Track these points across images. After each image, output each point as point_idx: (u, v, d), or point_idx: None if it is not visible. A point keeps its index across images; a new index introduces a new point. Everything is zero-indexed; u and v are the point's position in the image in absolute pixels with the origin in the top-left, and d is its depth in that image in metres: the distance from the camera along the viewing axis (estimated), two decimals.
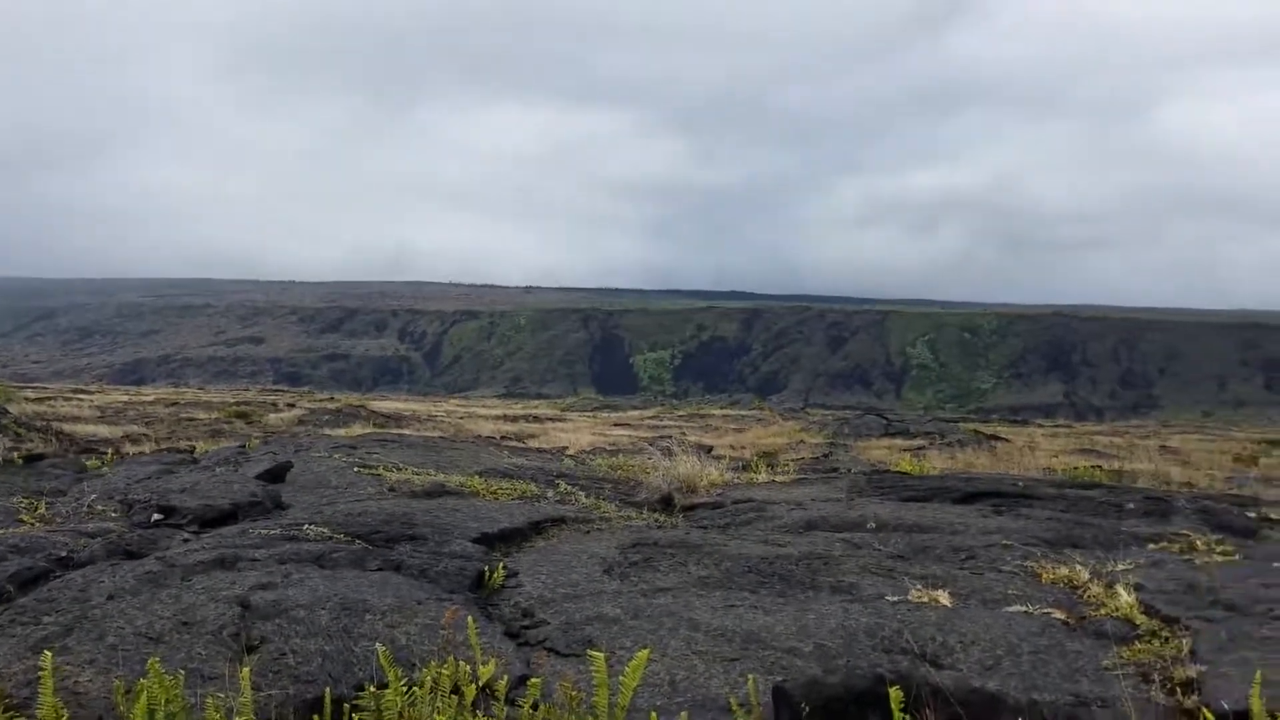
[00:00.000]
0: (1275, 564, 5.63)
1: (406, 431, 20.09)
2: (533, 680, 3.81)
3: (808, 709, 3.48)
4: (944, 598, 5.00)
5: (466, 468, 9.87)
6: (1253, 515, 7.68)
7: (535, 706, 3.72)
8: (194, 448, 13.42)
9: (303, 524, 6.42)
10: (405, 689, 3.73)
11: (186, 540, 6.27)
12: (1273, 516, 7.75)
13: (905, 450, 24.08)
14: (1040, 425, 49.17)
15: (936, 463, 16.92)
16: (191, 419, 25.68)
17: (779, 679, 3.90)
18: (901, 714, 3.42)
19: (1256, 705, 3.54)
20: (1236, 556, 5.90)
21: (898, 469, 12.12)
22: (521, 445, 19.20)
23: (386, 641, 4.34)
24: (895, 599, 4.99)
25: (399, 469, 9.39)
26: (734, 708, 3.72)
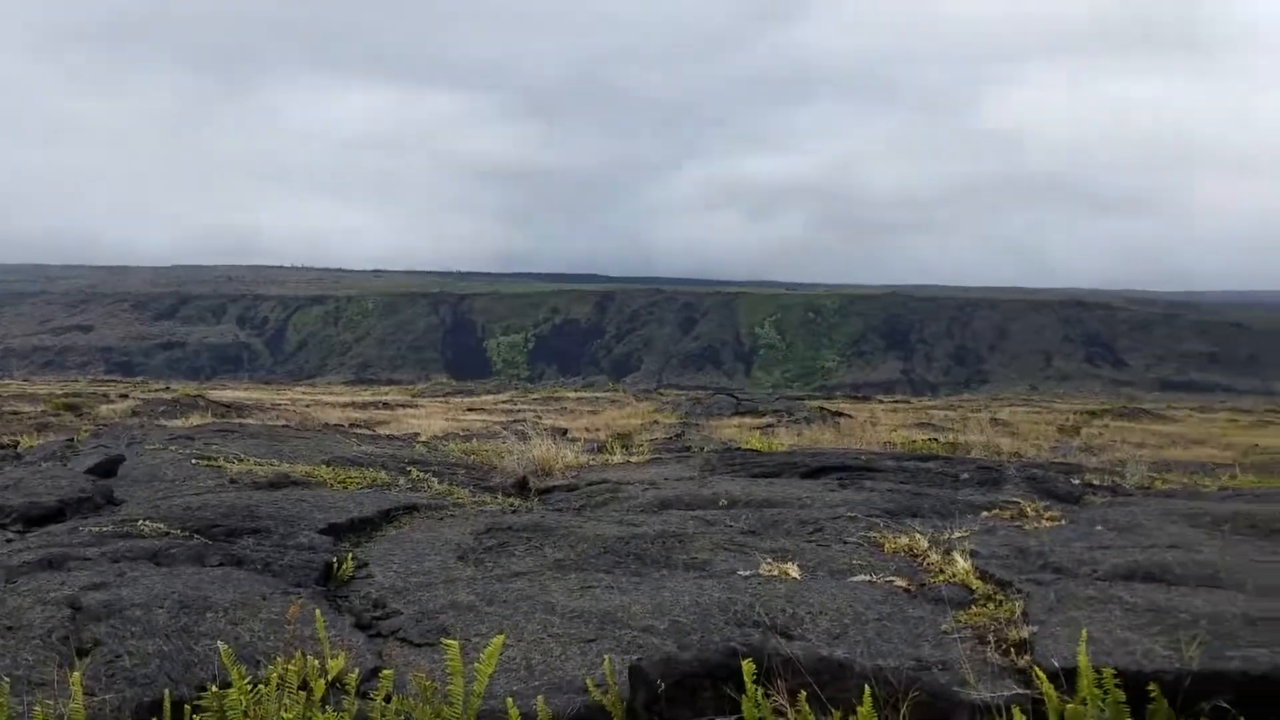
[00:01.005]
0: (1098, 528, 5.99)
1: (249, 421, 19.36)
2: (384, 672, 3.73)
3: (663, 686, 3.52)
4: (793, 570, 5.13)
5: (313, 457, 9.58)
6: (1076, 482, 8.16)
7: (388, 699, 3.65)
8: (17, 442, 12.62)
9: (137, 520, 6.11)
10: (250, 687, 3.60)
11: (10, 540, 5.90)
12: (1094, 483, 8.26)
13: (755, 428, 24.64)
14: (881, 401, 51.12)
15: (785, 440, 17.37)
16: (15, 412, 24.15)
17: (635, 658, 3.93)
18: (754, 685, 3.49)
19: (1083, 661, 3.76)
20: (1063, 522, 6.25)
21: (748, 447, 12.38)
22: (372, 433, 18.79)
23: (229, 639, 4.18)
24: (747, 573, 5.09)
25: (240, 460, 9.04)
26: (590, 689, 3.73)
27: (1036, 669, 3.77)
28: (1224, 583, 4.77)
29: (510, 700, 3.52)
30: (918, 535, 5.76)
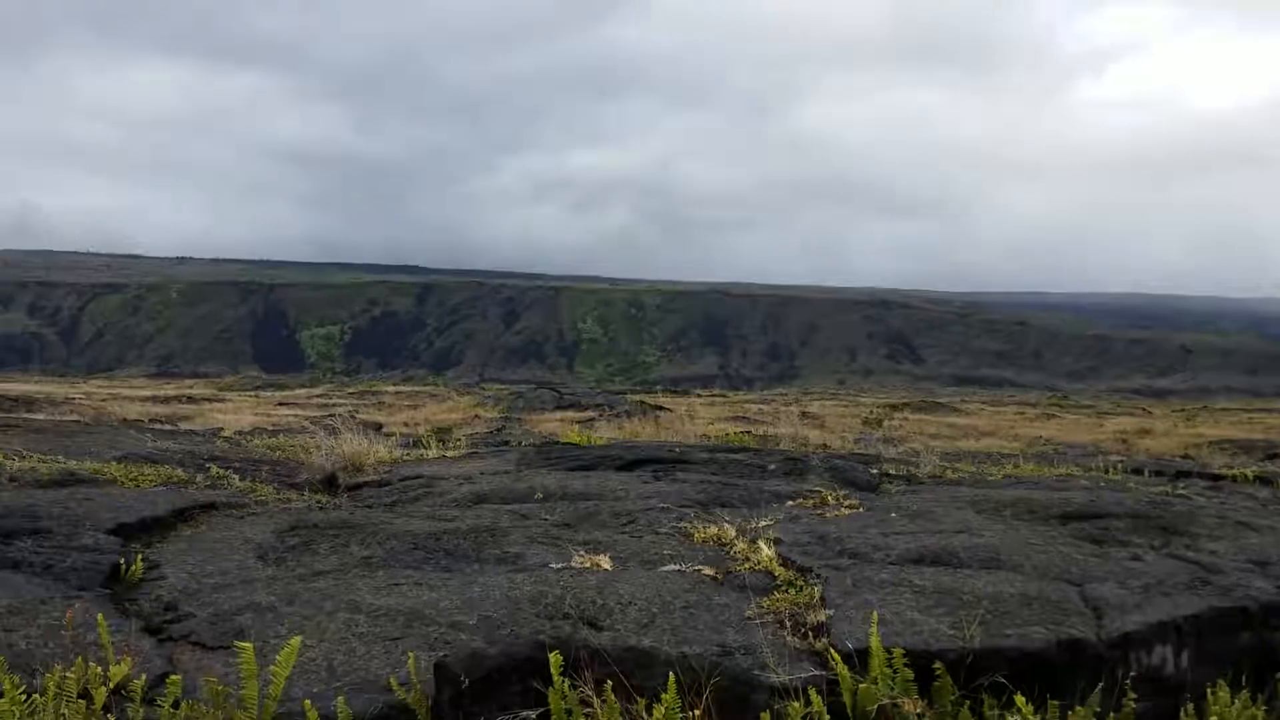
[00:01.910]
0: (893, 514, 6.29)
1: (36, 416, 18.05)
2: (173, 677, 3.54)
3: (468, 682, 3.48)
4: (605, 562, 5.17)
5: (104, 454, 9.01)
6: (875, 472, 8.55)
7: (176, 705, 3.47)
8: None
9: None
10: (24, 697, 3.36)
11: None
12: (891, 472, 8.67)
13: (576, 422, 24.73)
14: (699, 395, 52.30)
15: (605, 433, 17.51)
16: None
17: (442, 654, 3.87)
18: (561, 678, 3.50)
19: (875, 642, 3.95)
20: (861, 509, 6.53)
21: (566, 440, 12.41)
22: (172, 428, 17.85)
23: (3, 648, 3.89)
24: (559, 566, 5.10)
25: (22, 456, 8.41)
26: (394, 687, 3.66)
27: (832, 651, 3.92)
28: (1004, 565, 5.10)
29: (308, 702, 3.41)
30: (726, 525, 5.91)
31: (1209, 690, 4.26)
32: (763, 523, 6.00)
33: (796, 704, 3.67)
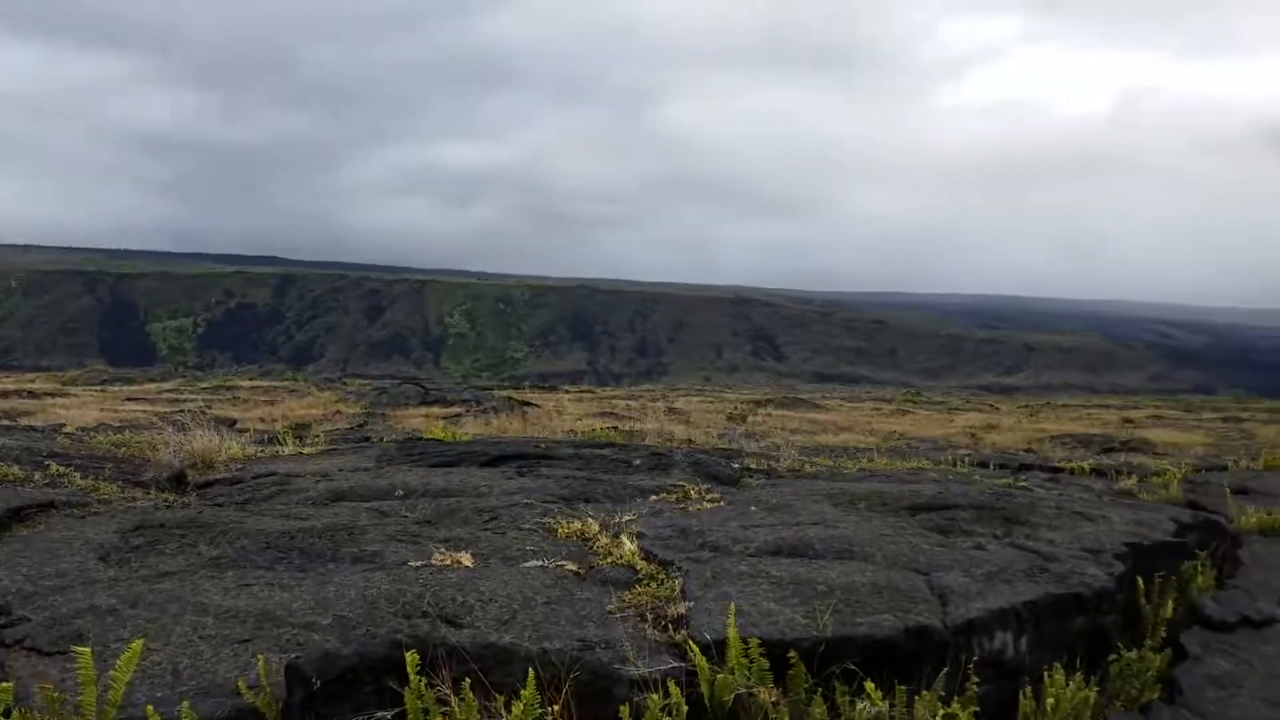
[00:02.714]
0: (752, 508, 6.42)
1: None
2: (4, 685, 3.35)
3: (320, 683, 3.40)
4: (466, 559, 5.12)
5: None
6: (736, 466, 8.70)
7: (8, 713, 3.28)
8: None
9: None
10: None
11: None
12: (752, 466, 8.84)
13: (442, 418, 24.38)
14: (568, 391, 52.22)
15: (472, 429, 17.32)
16: None
17: (294, 656, 3.77)
18: (417, 677, 3.45)
19: (732, 633, 4.02)
20: (722, 503, 6.64)
21: (430, 436, 12.23)
22: (10, 423, 16.86)
23: None
24: (419, 564, 5.02)
25: None
26: (243, 690, 3.54)
27: (691, 643, 3.98)
28: (857, 555, 5.26)
29: (151, 708, 3.27)
30: (590, 520, 5.92)
31: (1046, 673, 4.49)
32: (626, 517, 6.04)
33: (655, 696, 3.71)
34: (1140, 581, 5.47)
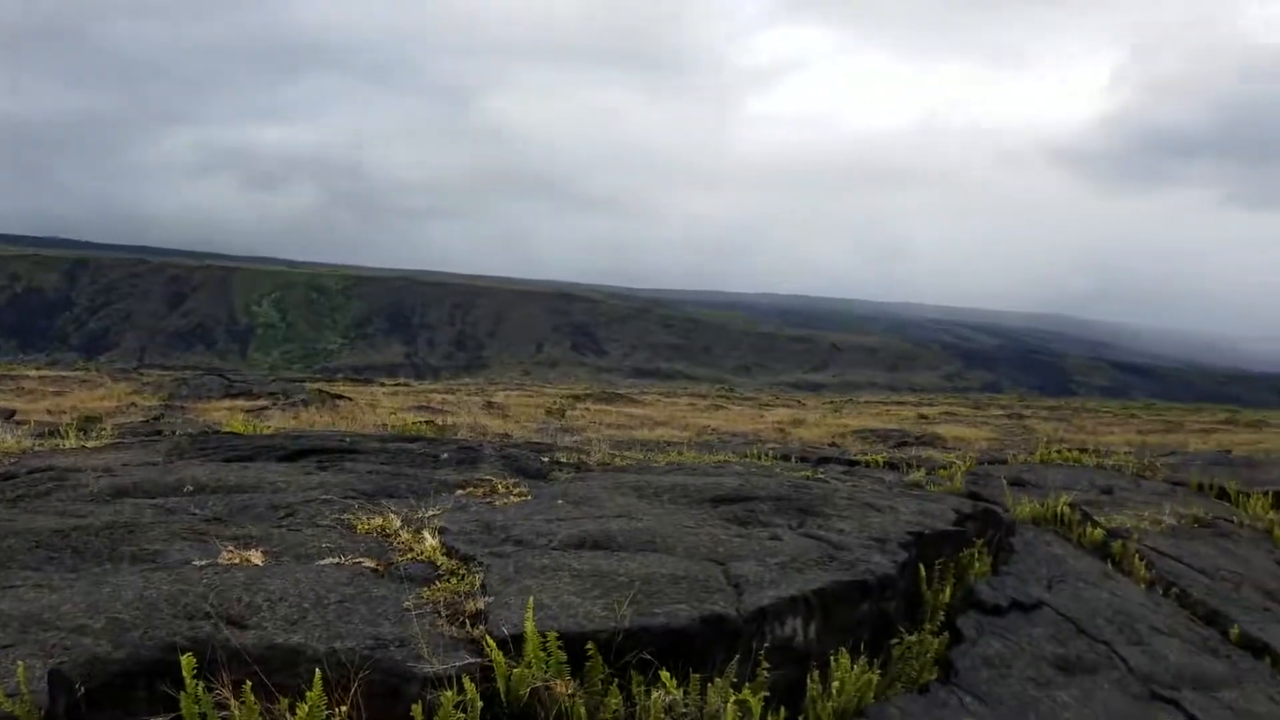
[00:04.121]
0: (559, 501, 6.43)
1: None
2: None
3: (84, 690, 3.19)
4: (256, 557, 4.91)
5: None
6: (546, 459, 8.70)
7: None
8: None
9: None
10: None
11: None
12: (562, 460, 8.86)
13: (247, 411, 23.39)
14: (383, 384, 50.96)
15: (279, 422, 16.70)
16: None
17: (59, 661, 3.53)
18: (194, 680, 3.29)
19: (530, 627, 4.01)
20: (529, 496, 6.62)
21: (229, 429, 11.70)
22: None
23: None
24: (204, 563, 4.79)
25: None
26: (1, 699, 3.29)
27: (488, 638, 3.95)
28: (659, 547, 5.34)
29: None
30: (392, 515, 5.79)
31: (833, 657, 4.68)
32: (430, 513, 5.94)
33: (450, 693, 3.66)
34: (923, 568, 5.78)
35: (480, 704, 3.69)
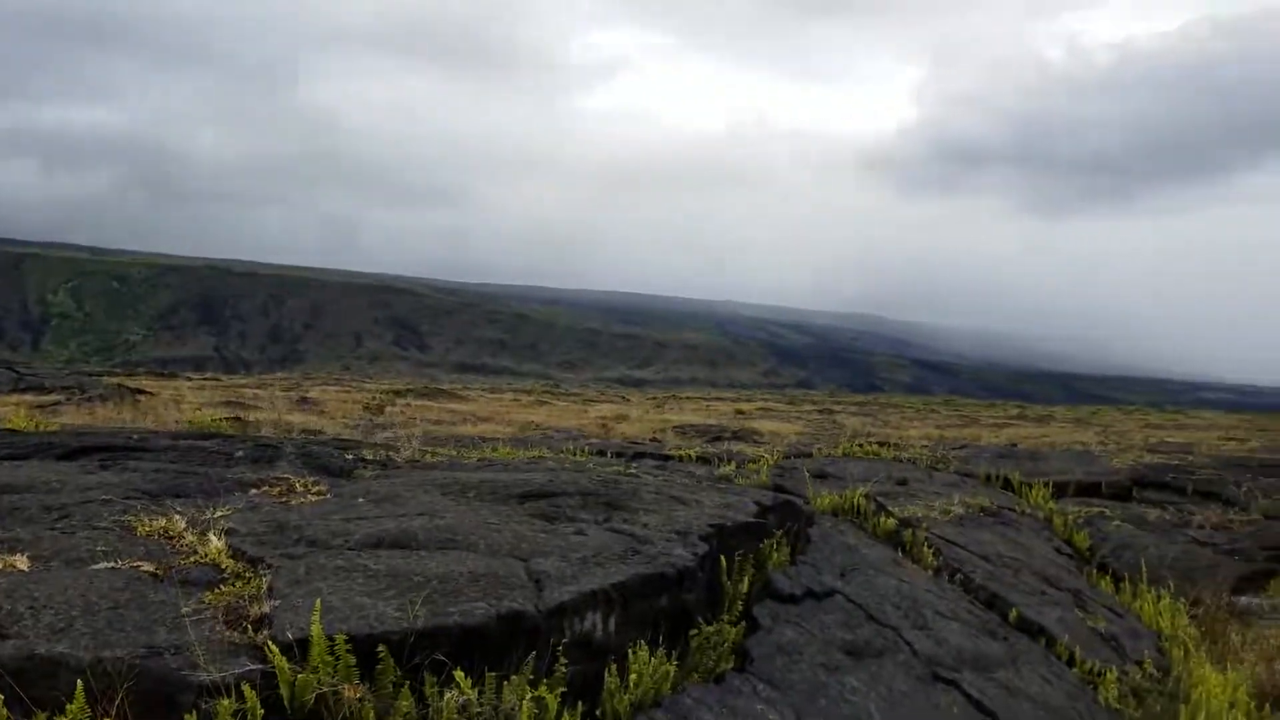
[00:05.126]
0: (359, 500, 6.25)
1: None
2: None
3: None
4: (22, 562, 4.58)
5: None
6: (350, 457, 8.45)
7: None
8: None
9: None
10: None
11: None
12: (368, 457, 8.63)
13: (36, 406, 21.87)
14: (189, 379, 48.50)
15: (71, 419, 15.68)
16: None
17: None
18: None
19: (316, 630, 3.88)
20: (329, 495, 6.41)
21: (7, 425, 10.87)
22: None
23: None
24: None
25: None
26: None
27: (270, 643, 3.80)
28: (460, 545, 5.26)
29: None
30: (176, 516, 5.50)
31: (631, 650, 4.73)
32: (219, 513, 5.67)
33: (227, 701, 3.51)
34: (724, 560, 5.91)
35: (262, 712, 3.55)
